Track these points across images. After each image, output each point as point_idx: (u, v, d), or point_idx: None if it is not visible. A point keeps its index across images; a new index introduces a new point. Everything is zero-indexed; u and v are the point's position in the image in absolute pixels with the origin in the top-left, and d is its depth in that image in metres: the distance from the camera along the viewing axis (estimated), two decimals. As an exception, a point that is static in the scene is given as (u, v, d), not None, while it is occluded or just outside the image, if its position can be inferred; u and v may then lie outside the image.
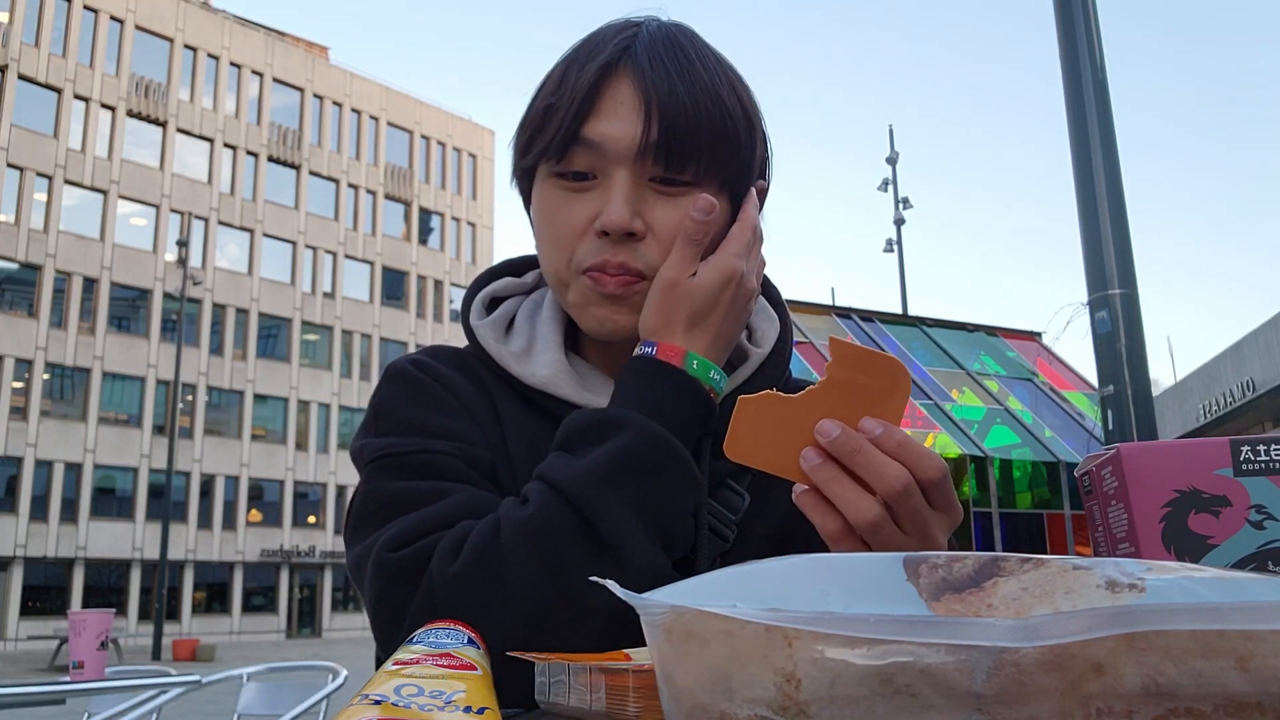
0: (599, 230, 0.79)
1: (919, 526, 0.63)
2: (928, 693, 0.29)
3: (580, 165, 0.80)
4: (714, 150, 0.79)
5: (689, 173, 0.79)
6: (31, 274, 29.27)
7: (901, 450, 0.62)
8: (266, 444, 33.42)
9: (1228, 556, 0.61)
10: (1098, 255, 5.15)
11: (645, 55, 0.79)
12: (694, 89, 0.79)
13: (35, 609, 28.12)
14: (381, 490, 0.78)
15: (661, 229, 0.79)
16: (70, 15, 30.50)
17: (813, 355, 8.08)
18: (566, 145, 0.79)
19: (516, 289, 0.95)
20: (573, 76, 0.80)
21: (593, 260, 0.79)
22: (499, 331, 0.89)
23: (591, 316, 0.82)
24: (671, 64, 0.79)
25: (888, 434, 0.62)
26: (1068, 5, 5.44)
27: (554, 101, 0.80)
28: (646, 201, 0.80)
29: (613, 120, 0.78)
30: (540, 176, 0.83)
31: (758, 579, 0.45)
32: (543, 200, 0.83)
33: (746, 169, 0.83)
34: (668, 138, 0.77)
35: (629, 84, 0.79)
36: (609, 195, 0.79)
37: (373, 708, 0.38)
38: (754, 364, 0.88)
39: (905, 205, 20.66)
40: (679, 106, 0.78)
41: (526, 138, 0.83)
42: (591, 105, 0.78)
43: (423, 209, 38.52)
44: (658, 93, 0.78)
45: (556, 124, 0.79)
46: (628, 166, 0.78)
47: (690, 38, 0.84)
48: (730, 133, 0.80)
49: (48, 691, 2.97)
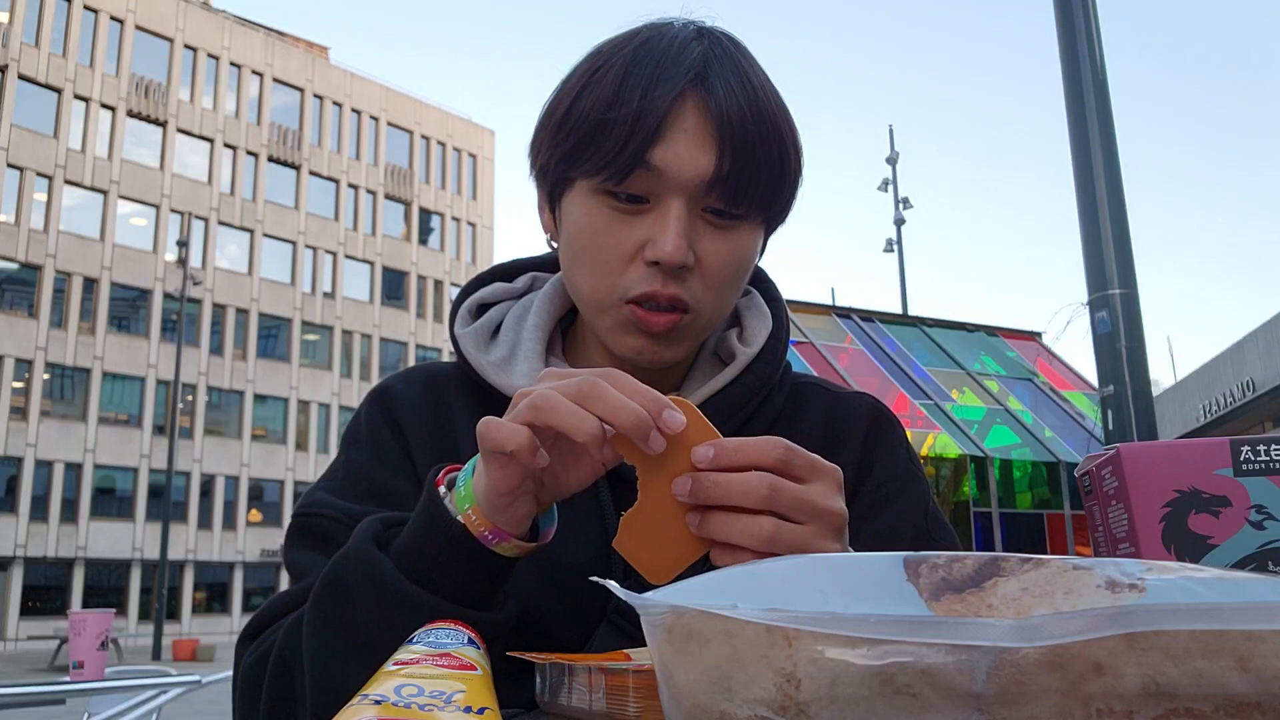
0: (650, 260, 0.76)
1: (811, 511, 0.59)
2: (928, 693, 0.29)
3: (637, 189, 0.76)
4: (770, 185, 0.78)
5: (743, 207, 0.77)
6: (31, 274, 29.26)
7: (739, 455, 0.59)
8: (266, 444, 33.41)
9: (1228, 556, 0.61)
10: (1098, 255, 5.15)
11: (718, 81, 0.75)
12: (761, 121, 0.76)
13: (35, 609, 28.10)
14: (286, 556, 0.82)
15: (710, 262, 0.78)
16: (70, 15, 30.48)
17: (813, 355, 8.08)
18: (628, 168, 0.75)
19: (506, 294, 0.94)
20: (635, 92, 0.74)
21: (640, 290, 0.77)
22: (482, 340, 0.89)
23: (629, 346, 0.80)
24: (741, 93, 0.76)
25: (719, 451, 0.58)
26: (1068, 6, 5.44)
27: (612, 116, 0.74)
28: (698, 232, 0.77)
29: (679, 148, 0.74)
30: (583, 189, 0.79)
31: (758, 579, 0.45)
32: (587, 217, 0.79)
33: (790, 202, 0.82)
34: (736, 173, 0.75)
35: (700, 111, 0.75)
36: (663, 224, 0.75)
37: (373, 707, 0.38)
38: (741, 364, 0.87)
39: (905, 205, 20.63)
40: (749, 140, 0.75)
41: (571, 145, 0.77)
42: (659, 129, 0.74)
43: (423, 209, 38.51)
44: (731, 125, 0.74)
45: (616, 142, 0.74)
46: (687, 196, 0.76)
47: (749, 58, 0.80)
48: (786, 168, 0.79)
49: (48, 691, 2.97)
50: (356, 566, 0.64)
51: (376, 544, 0.66)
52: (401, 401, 0.87)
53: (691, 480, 0.59)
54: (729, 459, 0.59)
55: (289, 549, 0.81)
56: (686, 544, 0.61)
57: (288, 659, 0.69)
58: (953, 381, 8.79)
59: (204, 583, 31.90)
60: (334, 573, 0.66)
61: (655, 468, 0.60)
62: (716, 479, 0.58)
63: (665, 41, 0.78)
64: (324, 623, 0.65)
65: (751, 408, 0.87)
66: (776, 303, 0.94)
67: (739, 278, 0.81)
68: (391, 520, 0.69)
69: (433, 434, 0.85)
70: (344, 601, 0.64)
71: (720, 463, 0.59)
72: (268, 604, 0.76)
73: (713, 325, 0.84)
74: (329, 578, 0.66)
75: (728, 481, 0.58)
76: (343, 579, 0.65)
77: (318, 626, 0.66)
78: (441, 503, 0.63)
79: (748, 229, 0.80)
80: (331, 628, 0.65)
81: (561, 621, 0.78)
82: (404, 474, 0.83)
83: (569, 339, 0.93)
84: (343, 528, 0.78)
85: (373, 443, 0.85)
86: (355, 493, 0.82)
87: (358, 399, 34.69)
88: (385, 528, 0.68)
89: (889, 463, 0.89)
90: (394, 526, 0.68)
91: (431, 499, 0.64)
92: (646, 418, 0.56)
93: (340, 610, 0.64)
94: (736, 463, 0.59)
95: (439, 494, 0.64)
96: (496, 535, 0.63)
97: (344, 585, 0.65)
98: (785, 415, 0.90)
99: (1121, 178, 5.23)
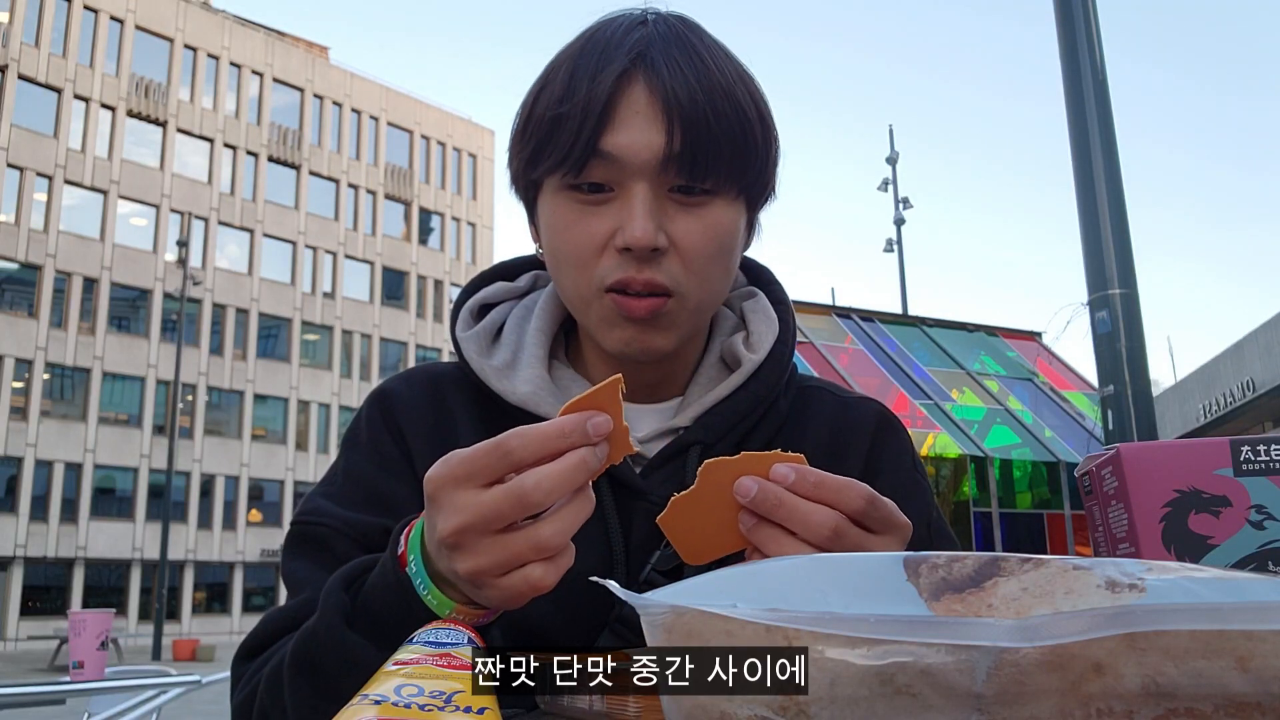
0: (620, 246, 0.75)
1: None
2: (928, 693, 0.29)
3: (597, 178, 0.75)
4: (734, 157, 0.76)
5: (709, 182, 0.76)
6: (31, 274, 29.25)
7: (820, 489, 0.59)
8: (266, 444, 33.40)
9: (1228, 556, 0.61)
10: (1098, 255, 5.15)
11: (661, 59, 0.75)
12: (713, 93, 0.75)
13: (35, 609, 28.10)
14: (284, 565, 0.81)
15: (684, 243, 0.76)
16: (70, 15, 30.47)
17: (813, 355, 8.08)
18: (584, 159, 0.74)
19: (508, 294, 0.93)
20: (582, 83, 0.75)
21: (616, 277, 0.76)
22: (484, 343, 0.87)
23: (616, 338, 0.79)
24: (688, 67, 0.75)
25: (801, 477, 0.59)
26: (1067, 6, 5.44)
27: (564, 110, 0.75)
28: (668, 214, 0.76)
29: (631, 131, 0.74)
30: (550, 189, 0.79)
31: (758, 579, 0.45)
32: (556, 215, 0.79)
33: (763, 171, 0.81)
34: (691, 148, 0.74)
35: (646, 91, 0.74)
36: (629, 209, 0.75)
37: (373, 707, 0.38)
38: (747, 371, 0.85)
39: (905, 205, 20.62)
40: (700, 114, 0.74)
41: (532, 147, 0.78)
42: (608, 115, 0.74)
43: (423, 209, 38.50)
44: (678, 100, 0.73)
45: (570, 135, 0.74)
46: (648, 178, 0.75)
47: (699, 34, 0.79)
48: (750, 137, 0.77)
49: (48, 691, 2.98)
50: (331, 651, 0.63)
51: (347, 622, 0.64)
52: (402, 404, 0.86)
53: (758, 488, 0.59)
54: (805, 490, 0.59)
55: (287, 558, 0.80)
56: (729, 536, 0.61)
57: (269, 714, 0.68)
58: (953, 381, 8.79)
59: (204, 583, 31.89)
60: (307, 652, 0.65)
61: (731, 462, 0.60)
62: (783, 498, 0.59)
63: (610, 31, 0.78)
64: (303, 698, 0.65)
65: (758, 414, 0.86)
66: (783, 306, 0.92)
67: (721, 256, 0.79)
68: (355, 574, 0.67)
69: (434, 437, 0.84)
70: (322, 679, 0.64)
71: (796, 489, 0.59)
72: (263, 621, 0.76)
73: (704, 310, 0.82)
74: (302, 657, 0.65)
75: (793, 506, 0.59)
76: (318, 661, 0.64)
77: (297, 700, 0.65)
78: (412, 586, 0.61)
79: (722, 205, 0.78)
80: (312, 700, 0.64)
81: (563, 630, 0.78)
82: (404, 479, 0.83)
83: (572, 341, 0.92)
84: (341, 537, 0.77)
85: (372, 447, 0.85)
86: (354, 499, 0.81)
87: (358, 399, 34.75)
88: (350, 589, 0.66)
89: (893, 470, 0.88)
90: (360, 576, 0.67)
91: (400, 583, 0.62)
92: (583, 466, 0.56)
93: (319, 685, 0.64)
94: (811, 496, 0.59)
95: (407, 578, 0.62)
96: (488, 618, 0.62)
97: (320, 667, 0.64)
98: (791, 420, 0.89)
99: (1121, 178, 5.23)
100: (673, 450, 0.83)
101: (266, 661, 0.72)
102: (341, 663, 0.63)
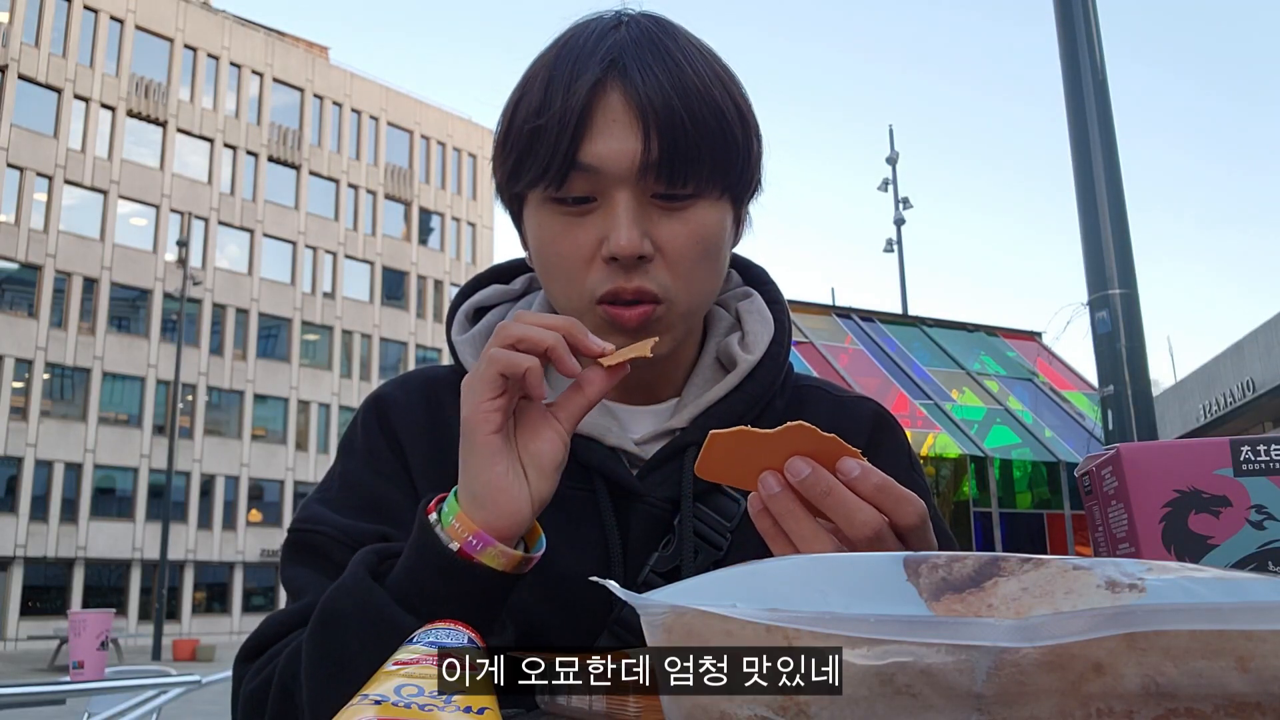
0: (607, 256, 0.75)
1: None
2: (928, 693, 0.29)
3: (579, 190, 0.75)
4: (714, 158, 0.76)
5: (690, 185, 0.76)
6: (31, 274, 29.24)
7: (880, 494, 0.59)
8: (266, 444, 33.40)
9: (1228, 556, 0.61)
10: (1098, 255, 5.15)
11: (635, 65, 0.75)
12: (688, 96, 0.74)
13: (35, 609, 28.09)
14: (283, 571, 0.81)
15: (670, 248, 0.76)
16: (70, 15, 30.45)
17: (813, 355, 8.07)
18: (564, 171, 0.74)
19: (503, 297, 0.93)
20: (558, 94, 0.74)
21: (606, 288, 0.76)
22: (479, 347, 0.87)
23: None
24: (663, 72, 0.74)
25: (865, 476, 0.59)
26: (1068, 6, 5.43)
27: (541, 123, 0.75)
28: (651, 220, 0.76)
29: (609, 139, 0.74)
30: (534, 202, 0.79)
31: (758, 579, 0.45)
32: (542, 228, 0.79)
33: (746, 169, 0.80)
34: (669, 154, 0.74)
35: (621, 99, 0.74)
36: (613, 218, 0.75)
37: (373, 707, 0.38)
38: (742, 371, 0.85)
39: (905, 205, 20.61)
40: (676, 119, 0.73)
41: (513, 161, 0.78)
42: (584, 125, 0.74)
43: (423, 209, 38.48)
44: (654, 107, 0.73)
45: (548, 148, 0.74)
46: (629, 187, 0.75)
47: (673, 35, 0.79)
48: (729, 136, 0.77)
49: (48, 691, 2.98)
50: (351, 598, 0.65)
51: (372, 576, 0.66)
52: (398, 410, 0.86)
53: (810, 471, 0.59)
54: (865, 490, 0.59)
55: (285, 565, 0.80)
56: (749, 478, 0.62)
57: (289, 687, 0.69)
58: (953, 381, 8.79)
59: (204, 583, 31.88)
60: (330, 604, 0.66)
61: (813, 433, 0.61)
62: (833, 487, 0.59)
63: (583, 37, 0.78)
64: (320, 654, 0.65)
65: (754, 415, 0.86)
66: (778, 305, 0.92)
67: (708, 259, 0.79)
68: (388, 552, 0.70)
69: (430, 442, 0.84)
70: (340, 632, 0.65)
71: (855, 487, 0.59)
72: (264, 624, 0.76)
73: (694, 313, 0.82)
74: (325, 609, 0.66)
75: (842, 498, 0.59)
76: (338, 610, 0.65)
77: (314, 657, 0.66)
78: (433, 530, 0.64)
79: (705, 206, 0.78)
80: (328, 659, 0.65)
81: (561, 633, 0.78)
82: (400, 485, 0.83)
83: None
84: (338, 544, 0.77)
85: (368, 453, 0.85)
86: (351, 505, 0.81)
87: (358, 399, 34.73)
88: (381, 559, 0.69)
89: (891, 470, 0.87)
90: (390, 558, 0.69)
91: (423, 527, 0.65)
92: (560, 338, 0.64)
93: (336, 641, 0.65)
94: (869, 497, 0.59)
95: (429, 521, 0.64)
96: (481, 540, 0.62)
97: (340, 616, 0.65)
98: (787, 420, 0.89)
99: (1121, 178, 5.23)
100: (669, 451, 0.83)
101: (269, 661, 0.72)
102: (360, 612, 0.65)
